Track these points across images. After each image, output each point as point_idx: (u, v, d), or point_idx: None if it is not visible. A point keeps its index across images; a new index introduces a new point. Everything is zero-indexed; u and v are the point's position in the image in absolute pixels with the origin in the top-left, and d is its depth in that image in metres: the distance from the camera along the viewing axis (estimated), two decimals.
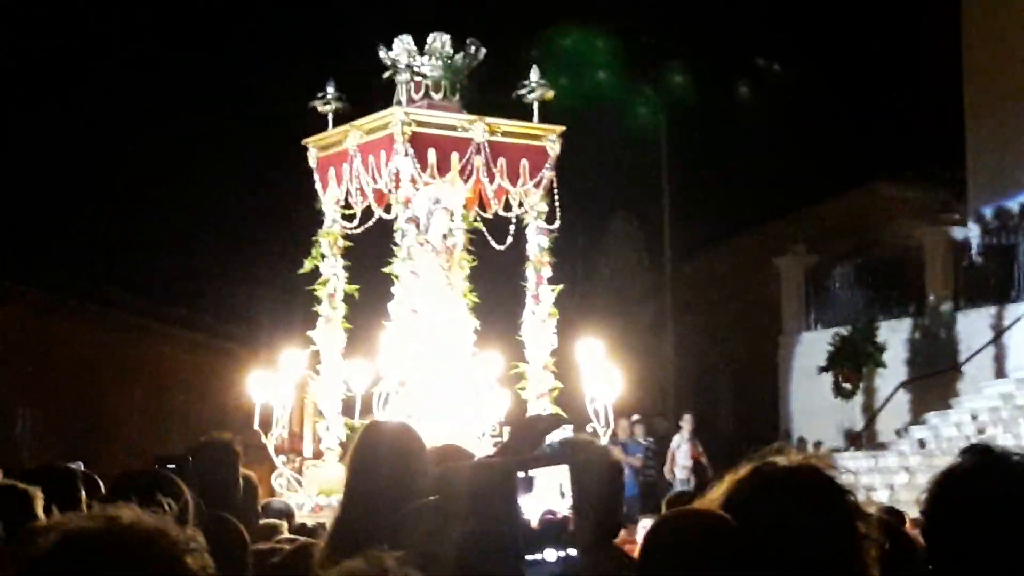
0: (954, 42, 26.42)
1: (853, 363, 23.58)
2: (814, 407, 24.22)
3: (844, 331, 23.80)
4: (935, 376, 22.86)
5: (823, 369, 23.88)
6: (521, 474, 2.84)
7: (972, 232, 24.32)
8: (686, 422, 21.51)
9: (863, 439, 22.97)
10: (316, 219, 13.04)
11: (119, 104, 30.96)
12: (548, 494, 3.25)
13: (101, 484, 6.48)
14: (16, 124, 30.29)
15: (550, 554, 2.71)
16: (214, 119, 29.67)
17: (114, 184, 30.38)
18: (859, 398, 23.75)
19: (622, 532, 5.59)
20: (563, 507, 3.15)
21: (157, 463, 5.25)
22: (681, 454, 20.92)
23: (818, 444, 23.28)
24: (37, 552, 2.25)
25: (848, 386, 23.69)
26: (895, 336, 23.59)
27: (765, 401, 25.45)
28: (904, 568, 3.36)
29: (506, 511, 2.82)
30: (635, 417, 20.85)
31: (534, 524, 2.78)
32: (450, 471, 3.74)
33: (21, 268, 29.07)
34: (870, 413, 23.57)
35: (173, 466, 5.05)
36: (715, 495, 3.02)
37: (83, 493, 5.36)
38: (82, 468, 8.24)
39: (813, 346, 24.50)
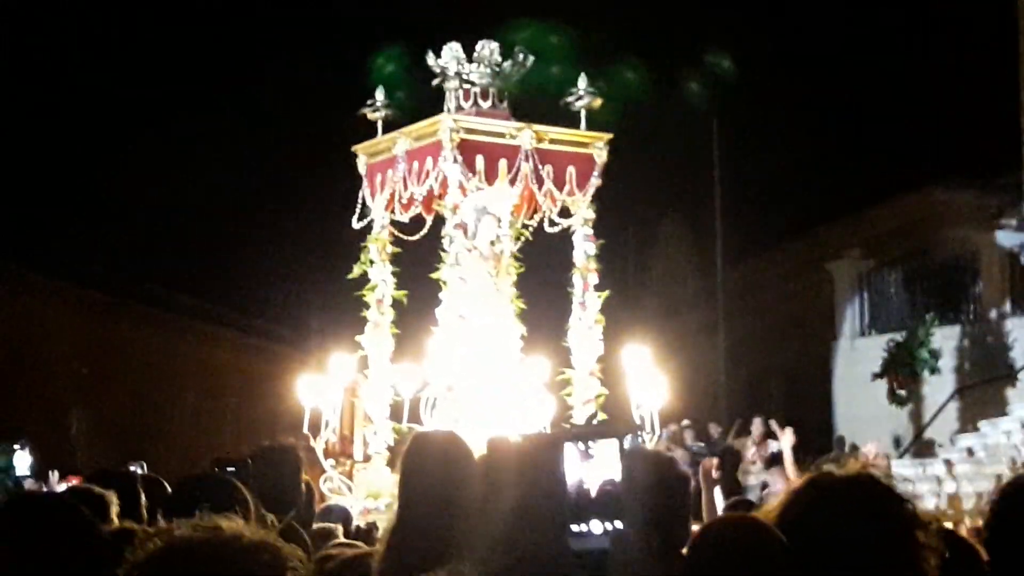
0: (1012, 45, 26.28)
1: (908, 369, 23.39)
2: (868, 414, 23.92)
3: (899, 337, 23.65)
4: (990, 383, 22.73)
5: (877, 375, 23.70)
6: (581, 446, 2.88)
7: None
8: (755, 425, 21.31)
9: (912, 446, 22.91)
10: (366, 224, 13.23)
11: (178, 113, 31.34)
12: (608, 464, 3.33)
13: (167, 486, 6.44)
14: (83, 133, 30.80)
15: (596, 526, 2.73)
16: (268, 125, 30.02)
17: (170, 189, 30.68)
18: (913, 405, 23.56)
19: None
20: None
21: (216, 466, 5.28)
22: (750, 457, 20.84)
23: (855, 448, 23.41)
24: (141, 558, 2.26)
25: (903, 392, 23.47)
26: (950, 342, 23.42)
27: (818, 407, 25.25)
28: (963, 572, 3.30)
29: (551, 480, 2.86)
30: (685, 422, 20.70)
31: (593, 493, 2.81)
32: (498, 442, 3.88)
33: (77, 270, 29.44)
34: (925, 420, 23.43)
35: (232, 469, 5.07)
36: (772, 507, 3.03)
37: (143, 497, 5.38)
38: (143, 470, 8.43)
39: (867, 352, 24.38)
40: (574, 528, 2.75)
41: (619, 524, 2.76)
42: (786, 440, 20.71)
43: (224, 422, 31.24)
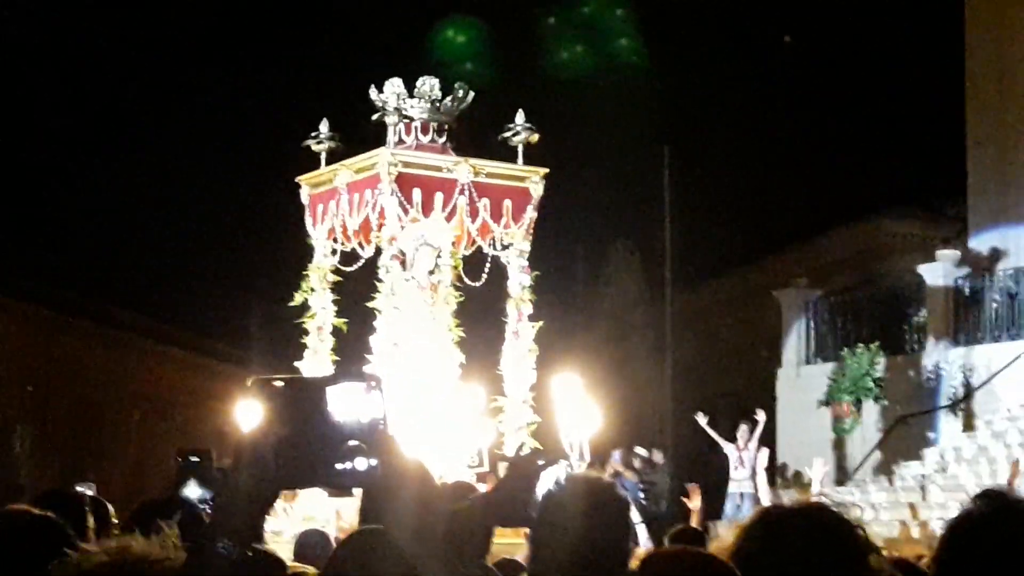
0: (958, 78, 26.75)
1: (851, 396, 23.70)
2: (811, 440, 24.05)
3: (843, 364, 23.91)
4: (927, 414, 23.12)
5: (823, 403, 24.09)
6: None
7: (970, 270, 24.35)
8: (741, 432, 21.46)
9: (851, 474, 23.14)
10: (308, 252, 13.57)
11: (128, 131, 31.52)
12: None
13: (111, 509, 6.47)
14: (25, 147, 30.82)
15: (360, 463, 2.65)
16: (218, 149, 30.24)
17: (116, 206, 30.87)
18: (859, 432, 23.78)
19: None
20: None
21: (180, 456, 5.16)
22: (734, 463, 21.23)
23: (797, 475, 23.78)
24: None
25: (847, 420, 23.80)
26: (896, 371, 23.69)
27: (763, 433, 24.64)
28: None
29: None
30: (622, 451, 20.86)
31: None
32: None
33: (22, 285, 29.43)
34: (867, 448, 23.62)
35: (197, 459, 4.95)
36: (725, 541, 3.06)
37: (91, 520, 5.17)
38: (92, 491, 8.59)
39: (811, 380, 24.61)
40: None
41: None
42: (761, 460, 21.32)
43: (170, 440, 31.24)
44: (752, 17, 31.55)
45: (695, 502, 15.50)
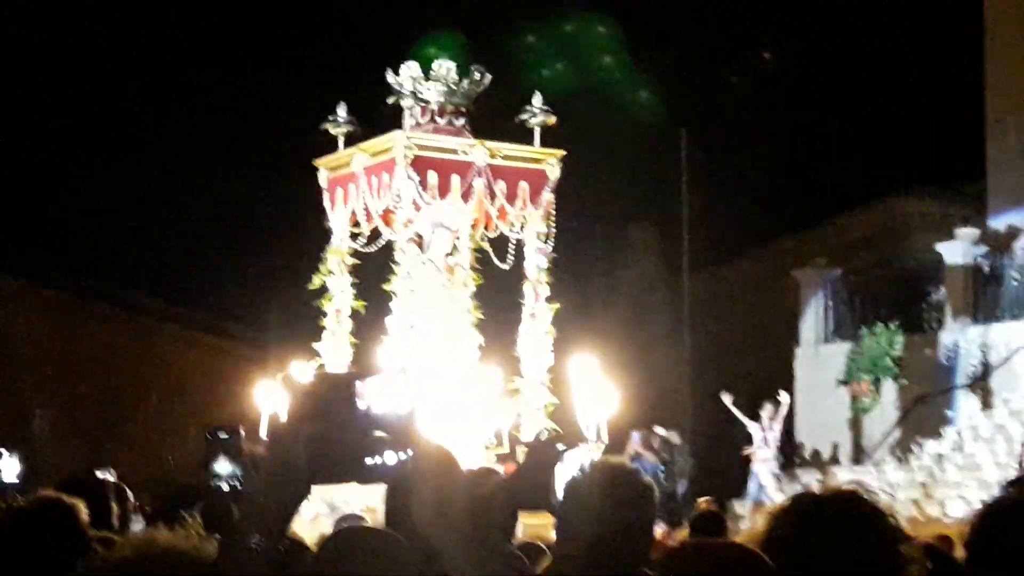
0: (977, 57, 26.72)
1: (870, 374, 23.72)
2: (832, 420, 24.30)
3: (862, 344, 23.92)
4: (947, 393, 23.09)
5: (842, 382, 24.11)
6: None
7: (989, 247, 24.30)
8: (765, 410, 21.65)
9: (870, 453, 23.17)
10: (326, 235, 13.66)
11: (146, 117, 31.63)
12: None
13: (129, 493, 6.54)
14: (45, 134, 30.97)
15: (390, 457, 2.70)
16: (237, 133, 30.32)
17: (134, 191, 30.96)
18: (877, 411, 23.77)
19: None
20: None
21: (209, 433, 5.34)
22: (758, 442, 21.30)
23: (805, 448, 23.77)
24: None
25: (866, 400, 23.81)
26: (915, 350, 23.66)
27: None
28: None
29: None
30: (644, 433, 20.97)
31: None
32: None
33: (42, 271, 29.64)
34: (887, 426, 23.60)
35: (226, 436, 5.14)
36: (758, 527, 3.04)
37: (114, 504, 5.46)
38: (112, 476, 8.72)
39: (830, 359, 24.61)
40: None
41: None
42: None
43: (188, 422, 31.41)
44: None
45: None
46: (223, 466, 4.13)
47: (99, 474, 8.92)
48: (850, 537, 2.81)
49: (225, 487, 4.08)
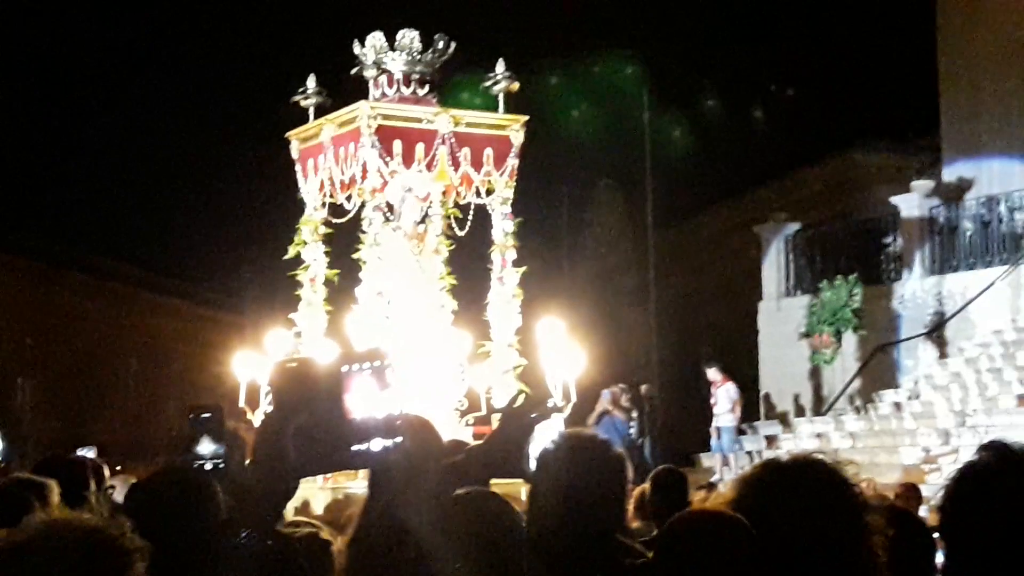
0: (929, 11, 26.85)
1: (831, 326, 23.69)
2: (793, 372, 24.44)
3: (822, 296, 23.88)
4: (904, 342, 23.18)
5: (804, 335, 24.14)
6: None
7: (942, 201, 24.41)
8: (712, 372, 21.80)
9: (830, 404, 23.21)
10: (300, 207, 13.54)
11: (122, 84, 31.56)
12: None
13: (106, 471, 6.67)
14: (20, 100, 30.84)
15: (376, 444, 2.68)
16: (213, 103, 30.32)
17: (113, 159, 30.93)
18: (838, 361, 23.78)
19: None
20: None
21: (191, 413, 5.31)
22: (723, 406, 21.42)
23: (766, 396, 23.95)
24: None
25: (827, 351, 23.80)
26: (873, 302, 23.69)
27: (746, 365, 25.36)
28: (911, 550, 3.35)
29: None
30: (620, 386, 20.93)
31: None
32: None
33: (20, 239, 29.55)
34: (847, 377, 23.60)
35: (208, 415, 5.13)
36: (727, 493, 3.07)
37: (92, 482, 5.45)
38: (93, 453, 8.73)
39: (792, 312, 24.68)
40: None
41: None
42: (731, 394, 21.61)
43: (168, 388, 31.49)
44: None
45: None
46: (206, 447, 4.14)
47: (80, 451, 8.92)
48: (816, 507, 2.82)
49: (208, 466, 4.09)
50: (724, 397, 21.45)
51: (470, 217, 13.06)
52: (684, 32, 30.77)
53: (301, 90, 13.42)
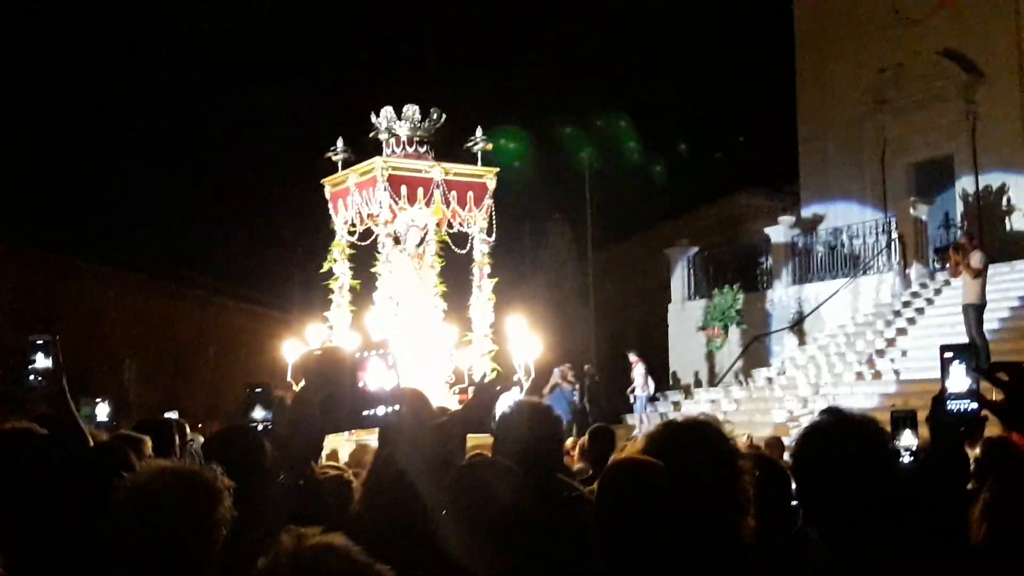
0: (792, 93, 27.05)
1: (720, 323, 23.80)
2: (693, 355, 24.39)
3: (714, 300, 23.91)
4: (773, 334, 23.22)
5: (700, 328, 24.15)
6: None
7: (802, 230, 24.49)
8: (632, 357, 21.73)
9: (723, 379, 23.11)
10: (331, 233, 13.52)
11: (216, 154, 31.57)
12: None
13: (187, 428, 6.62)
14: (136, 156, 30.83)
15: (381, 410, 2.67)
16: (273, 160, 30.34)
17: (201, 202, 30.91)
18: (727, 348, 23.83)
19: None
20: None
21: (247, 387, 4.81)
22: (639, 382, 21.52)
23: (673, 374, 23.83)
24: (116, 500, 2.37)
25: (717, 340, 23.84)
26: (751, 304, 23.68)
27: (660, 351, 25.45)
28: (772, 486, 3.31)
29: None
30: (564, 368, 20.92)
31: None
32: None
33: (127, 258, 29.39)
34: (732, 360, 23.68)
35: (260, 389, 4.66)
36: (638, 445, 3.04)
37: (176, 438, 5.42)
38: (176, 417, 8.65)
39: (692, 312, 24.66)
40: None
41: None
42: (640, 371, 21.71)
43: (235, 368, 31.29)
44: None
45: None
46: (258, 412, 4.12)
47: (168, 414, 8.78)
48: (701, 454, 2.82)
49: (260, 427, 4.04)
50: (639, 374, 21.49)
51: (465, 241, 12.90)
52: (616, 103, 30.74)
53: (332, 148, 13.26)
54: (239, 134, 31.37)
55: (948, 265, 18.54)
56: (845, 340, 20.43)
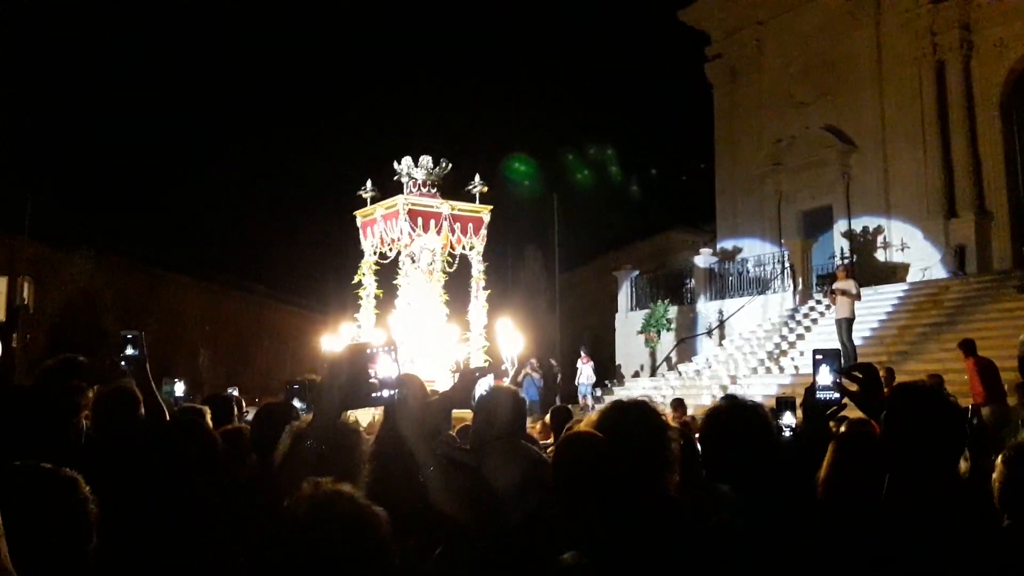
0: (711, 156, 26.98)
1: (654, 328, 23.71)
2: (635, 352, 24.23)
3: (650, 311, 23.82)
4: (695, 337, 23.06)
5: (640, 332, 24.08)
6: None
7: (718, 259, 24.40)
8: (582, 358, 21.48)
9: (662, 368, 23.05)
10: (361, 253, 13.22)
11: (271, 187, 31.26)
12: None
13: (243, 402, 6.42)
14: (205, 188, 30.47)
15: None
16: (318, 198, 30.18)
17: (265, 228, 30.60)
18: (659, 347, 23.78)
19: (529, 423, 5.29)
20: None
21: (288, 384, 4.72)
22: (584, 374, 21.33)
23: (619, 367, 23.59)
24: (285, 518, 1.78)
25: (653, 341, 23.79)
26: (677, 314, 23.64)
27: (609, 349, 25.38)
28: (689, 452, 3.24)
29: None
30: (533, 362, 20.68)
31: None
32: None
33: (202, 269, 29.05)
34: (652, 355, 23.72)
35: (297, 386, 4.58)
36: (592, 417, 2.91)
37: (235, 411, 5.20)
38: (236, 392, 8.27)
39: (634, 320, 24.52)
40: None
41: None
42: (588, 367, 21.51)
43: (285, 355, 30.94)
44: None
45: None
46: (296, 402, 4.08)
47: (229, 391, 8.41)
48: (639, 426, 2.74)
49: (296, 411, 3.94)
50: (587, 368, 21.27)
51: (467, 260, 12.60)
52: (581, 155, 30.63)
53: (363, 188, 12.95)
54: (293, 174, 31.12)
55: (828, 289, 18.48)
56: (756, 342, 20.18)
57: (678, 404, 11.33)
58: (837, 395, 2.89)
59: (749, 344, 20.35)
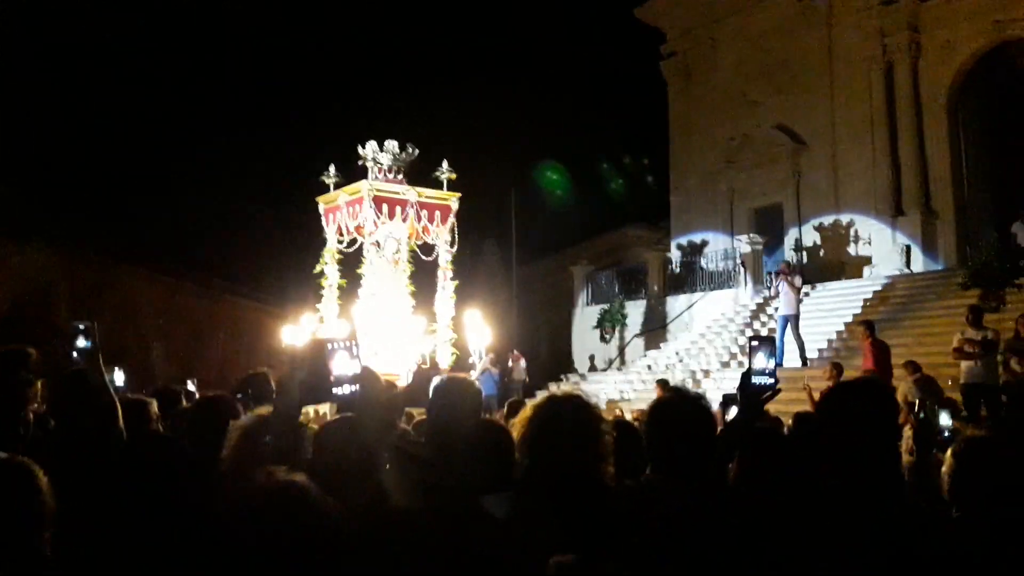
0: (667, 155, 26.65)
1: (611, 323, 23.43)
2: (590, 347, 23.95)
3: (606, 306, 23.57)
4: (654, 331, 22.69)
5: (596, 327, 23.71)
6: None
7: (673, 255, 24.23)
8: (513, 356, 21.21)
9: (616, 363, 22.73)
10: (323, 241, 12.41)
11: (224, 180, 30.05)
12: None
13: (197, 395, 6.09)
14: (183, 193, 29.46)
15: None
16: (278, 184, 29.18)
17: (217, 218, 29.46)
18: (614, 342, 23.49)
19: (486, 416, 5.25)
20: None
21: (245, 376, 4.78)
22: (518, 370, 20.85)
23: (590, 362, 23.13)
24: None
25: (608, 336, 23.52)
26: (633, 309, 23.36)
27: (566, 344, 25.09)
28: (627, 444, 3.24)
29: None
30: (491, 356, 20.16)
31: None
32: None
33: (156, 262, 28.01)
34: (620, 350, 23.39)
35: (252, 379, 4.65)
36: (527, 411, 2.87)
37: (183, 400, 5.17)
38: (193, 386, 7.48)
39: (591, 315, 24.23)
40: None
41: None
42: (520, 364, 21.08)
43: (240, 351, 29.77)
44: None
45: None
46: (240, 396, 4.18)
47: (188, 383, 7.67)
48: (572, 419, 2.71)
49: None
50: (520, 365, 20.95)
51: (432, 249, 11.84)
52: (543, 154, 30.17)
53: (326, 173, 12.15)
54: (249, 161, 29.96)
55: (771, 284, 18.30)
56: (716, 335, 19.88)
57: (664, 385, 10.91)
58: (772, 380, 2.92)
59: (709, 336, 19.95)
